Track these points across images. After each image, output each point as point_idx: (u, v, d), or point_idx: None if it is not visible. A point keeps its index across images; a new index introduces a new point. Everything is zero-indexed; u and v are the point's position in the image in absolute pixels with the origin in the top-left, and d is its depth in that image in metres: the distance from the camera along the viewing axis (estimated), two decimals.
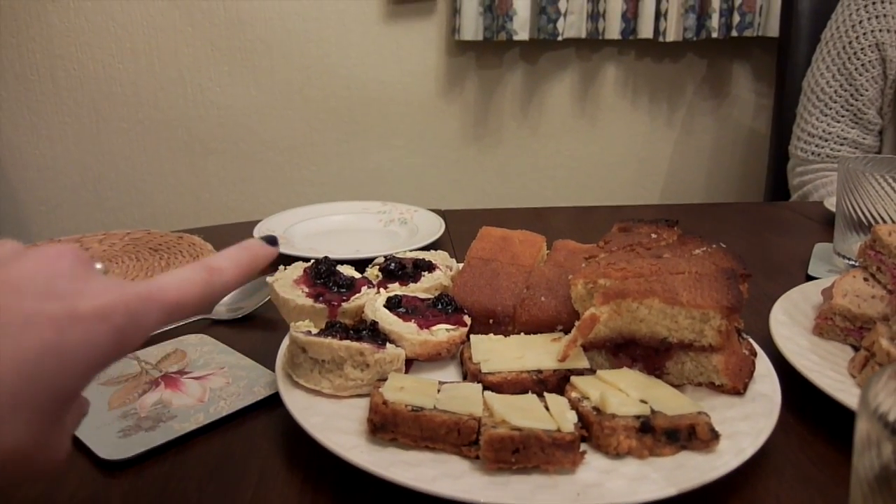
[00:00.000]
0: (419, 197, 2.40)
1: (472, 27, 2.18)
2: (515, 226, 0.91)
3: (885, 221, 0.91)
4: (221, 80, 2.18)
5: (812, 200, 1.55)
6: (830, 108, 1.61)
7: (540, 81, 2.40)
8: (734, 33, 2.28)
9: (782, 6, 1.98)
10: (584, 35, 2.24)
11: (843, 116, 1.60)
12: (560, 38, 2.18)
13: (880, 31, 1.52)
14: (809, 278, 0.99)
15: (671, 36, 2.25)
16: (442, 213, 1.26)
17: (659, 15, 2.24)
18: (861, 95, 1.57)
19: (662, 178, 2.58)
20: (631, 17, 2.24)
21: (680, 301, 0.61)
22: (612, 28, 2.23)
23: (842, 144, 1.61)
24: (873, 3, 1.53)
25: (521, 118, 2.42)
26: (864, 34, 1.53)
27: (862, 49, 1.54)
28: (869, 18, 1.53)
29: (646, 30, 2.23)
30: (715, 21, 2.23)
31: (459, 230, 1.21)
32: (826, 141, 1.63)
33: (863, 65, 1.55)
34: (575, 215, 1.37)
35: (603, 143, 2.49)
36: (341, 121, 2.31)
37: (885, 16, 1.51)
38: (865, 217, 0.94)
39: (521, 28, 2.16)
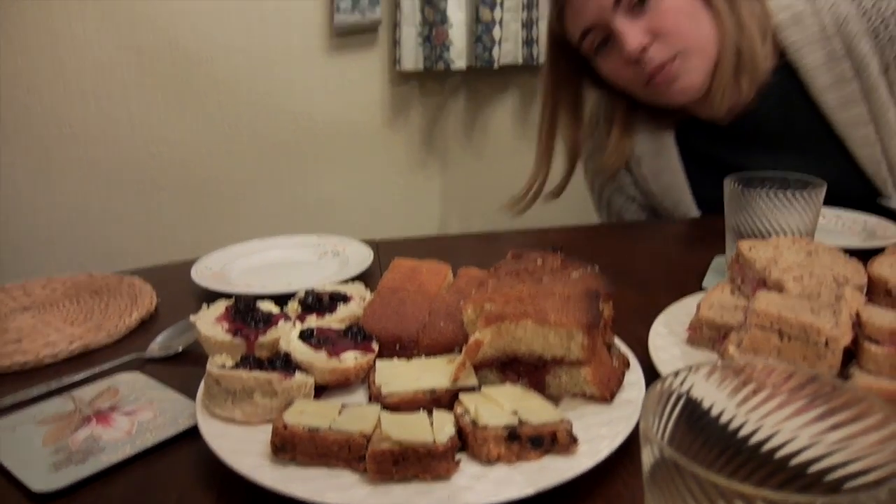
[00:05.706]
0: (371, 225, 2.48)
1: (412, 57, 2.27)
2: (449, 252, 0.99)
3: (762, 234, 1.00)
4: (170, 118, 2.24)
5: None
6: None
7: (482, 106, 2.49)
8: None
9: None
10: (520, 61, 2.34)
11: None
12: (496, 66, 2.28)
13: None
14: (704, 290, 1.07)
15: None
16: (375, 244, 1.33)
17: None
18: None
19: None
20: None
21: (549, 321, 0.69)
22: None
23: None
24: None
25: (465, 143, 2.51)
26: None
27: None
28: None
29: None
30: None
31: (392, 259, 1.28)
32: None
33: None
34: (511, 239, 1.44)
35: None
36: (291, 154, 2.39)
37: None
38: (748, 231, 1.03)
39: (459, 57, 2.26)
